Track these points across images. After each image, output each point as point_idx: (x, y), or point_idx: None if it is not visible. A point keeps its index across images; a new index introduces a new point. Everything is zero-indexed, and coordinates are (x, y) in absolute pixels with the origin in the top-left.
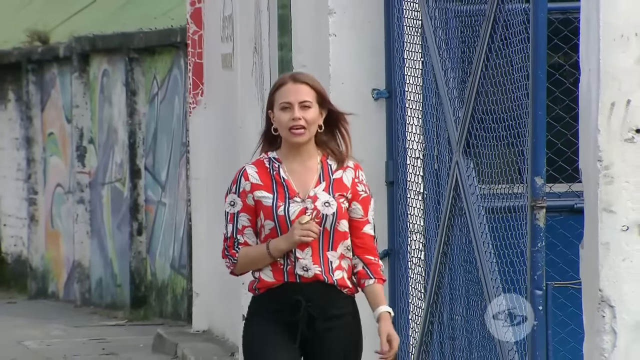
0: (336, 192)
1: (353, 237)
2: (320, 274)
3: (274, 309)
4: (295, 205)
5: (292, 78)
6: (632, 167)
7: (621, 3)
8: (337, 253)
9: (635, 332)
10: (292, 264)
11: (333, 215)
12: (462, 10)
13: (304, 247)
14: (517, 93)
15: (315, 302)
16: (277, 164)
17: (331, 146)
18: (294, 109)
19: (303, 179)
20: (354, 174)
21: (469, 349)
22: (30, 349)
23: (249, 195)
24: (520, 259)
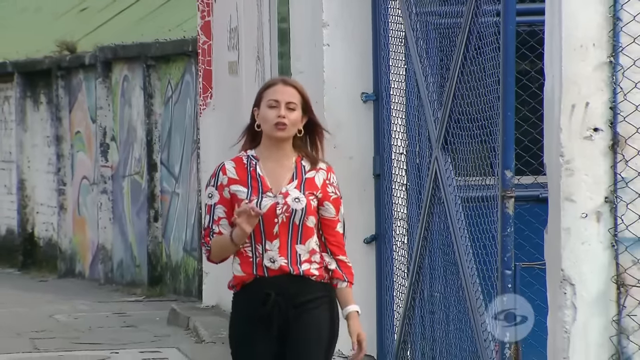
0: (307, 190)
1: (326, 234)
2: (286, 266)
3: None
4: (268, 199)
5: (282, 80)
6: (590, 161)
7: (580, 17)
8: (307, 247)
9: (592, 307)
10: (260, 256)
11: (302, 211)
12: (441, 23)
13: (273, 239)
14: (489, 96)
15: (285, 293)
16: (254, 161)
17: (306, 150)
18: (280, 107)
19: (277, 177)
20: (326, 176)
21: (447, 322)
22: (60, 321)
23: (225, 189)
24: (492, 242)
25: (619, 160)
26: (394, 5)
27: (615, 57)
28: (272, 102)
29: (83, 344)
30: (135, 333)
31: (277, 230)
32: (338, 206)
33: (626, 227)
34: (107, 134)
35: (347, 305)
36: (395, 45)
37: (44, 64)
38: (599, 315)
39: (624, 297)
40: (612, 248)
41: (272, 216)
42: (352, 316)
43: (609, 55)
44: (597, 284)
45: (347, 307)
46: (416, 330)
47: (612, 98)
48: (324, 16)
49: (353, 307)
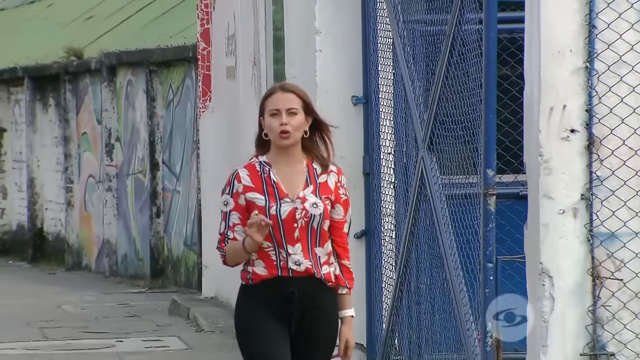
0: (322, 194)
1: (333, 236)
2: (311, 268)
3: (265, 299)
4: (286, 205)
5: (281, 88)
6: (567, 161)
7: (558, 25)
8: (325, 250)
9: (569, 298)
10: (284, 259)
11: (320, 216)
12: (427, 30)
13: (294, 242)
14: (472, 99)
15: (306, 293)
16: (267, 167)
17: (315, 151)
18: (282, 115)
19: (291, 182)
20: (337, 178)
21: (432, 312)
22: (68, 311)
23: (241, 196)
24: (475, 237)
25: (594, 159)
26: (382, 14)
27: (591, 63)
28: (274, 111)
29: (89, 332)
30: (139, 322)
31: (298, 235)
32: (347, 208)
33: (601, 222)
34: (112, 135)
35: (344, 309)
36: (383, 52)
37: (52, 69)
38: (576, 305)
39: (598, 289)
40: (588, 242)
41: (292, 221)
42: (345, 321)
43: (585, 60)
44: (574, 276)
45: (343, 311)
46: (403, 320)
47: (588, 101)
48: (317, 24)
49: (348, 312)
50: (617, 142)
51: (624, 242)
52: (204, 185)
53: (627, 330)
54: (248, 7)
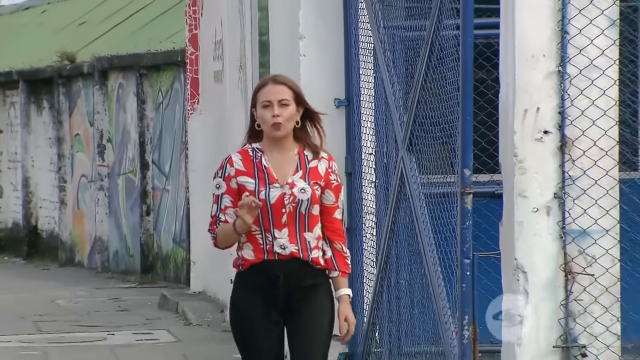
0: (311, 180)
1: (324, 221)
2: (297, 252)
3: (256, 284)
4: (275, 190)
5: (272, 80)
6: (541, 161)
7: (532, 30)
8: (314, 234)
9: (543, 292)
10: (270, 243)
11: (308, 201)
12: (406, 36)
13: (282, 227)
14: (450, 102)
15: (292, 275)
16: (259, 154)
17: (307, 140)
18: (273, 106)
19: (282, 168)
20: (328, 165)
21: (411, 306)
22: (61, 306)
23: (232, 180)
24: (452, 234)
25: (566, 160)
26: (363, 20)
27: (563, 67)
28: (266, 102)
29: (82, 326)
30: (129, 316)
31: (286, 220)
32: (338, 193)
33: (573, 220)
34: (104, 136)
35: (339, 289)
36: (365, 56)
37: (46, 72)
38: (549, 300)
39: (571, 284)
40: (561, 239)
41: (280, 206)
42: (342, 299)
43: (558, 65)
44: (547, 271)
45: (339, 291)
46: (384, 314)
47: (561, 104)
48: (301, 29)
49: (344, 291)
50: (588, 143)
51: (595, 239)
52: (192, 184)
53: (598, 323)
54: (234, 14)
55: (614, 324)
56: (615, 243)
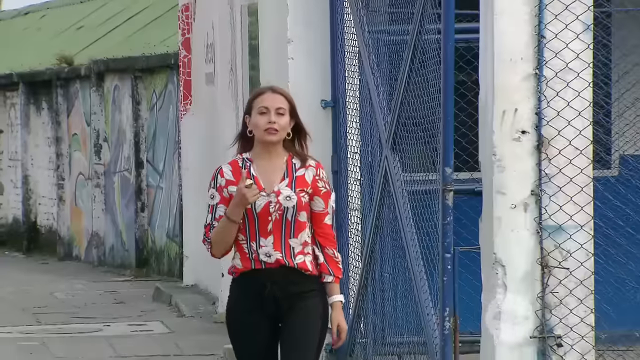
0: (297, 187)
1: (315, 227)
2: (282, 259)
3: (245, 293)
4: (261, 199)
5: (271, 89)
6: (519, 159)
7: (510, 35)
8: (300, 240)
9: (520, 285)
10: (255, 252)
11: (293, 208)
12: (390, 40)
13: (267, 235)
14: (432, 103)
15: (278, 283)
16: (248, 163)
17: (295, 149)
18: (270, 113)
19: (270, 176)
20: (315, 172)
21: (395, 298)
22: (59, 298)
23: (224, 190)
24: (434, 230)
25: (543, 158)
26: (349, 25)
27: (540, 70)
28: (263, 108)
29: (79, 317)
30: (125, 308)
31: (271, 227)
32: (327, 199)
33: (549, 216)
34: (100, 136)
35: (332, 296)
36: (350, 59)
37: (45, 75)
38: (526, 292)
39: (547, 277)
40: (537, 234)
41: (266, 214)
42: (335, 306)
43: (535, 68)
44: (524, 265)
45: (332, 297)
46: (368, 306)
47: (537, 105)
48: (289, 34)
49: (336, 298)
50: (564, 142)
51: (570, 234)
52: (185, 182)
53: (573, 314)
54: (225, 19)
55: (588, 316)
56: (589, 238)
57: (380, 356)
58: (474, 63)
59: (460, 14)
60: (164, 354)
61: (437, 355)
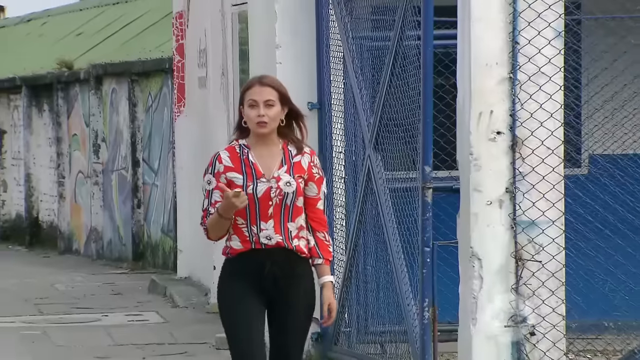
0: (295, 173)
1: (308, 211)
2: (282, 242)
3: (243, 271)
4: (262, 184)
5: (259, 81)
6: (494, 159)
7: (486, 41)
8: (297, 224)
9: (495, 277)
10: (256, 235)
11: (293, 193)
12: (373, 45)
13: (267, 219)
14: (412, 105)
15: (278, 263)
16: (246, 150)
17: (291, 136)
18: (259, 106)
19: (268, 163)
20: (310, 159)
21: (377, 290)
22: (59, 290)
23: (222, 176)
24: (414, 225)
25: (517, 157)
26: (334, 31)
27: (514, 74)
28: (252, 102)
29: (79, 308)
30: (122, 299)
31: (272, 212)
32: (320, 185)
33: (523, 212)
34: (99, 136)
35: (323, 276)
36: (335, 64)
37: (46, 78)
38: (501, 284)
39: (520, 269)
40: (512, 229)
41: (267, 199)
42: (325, 286)
43: (509, 72)
44: (499, 258)
45: (322, 278)
46: (352, 297)
47: (512, 107)
48: (277, 40)
49: (327, 278)
50: (536, 142)
51: (543, 229)
52: (179, 180)
53: (545, 305)
54: (217, 25)
55: (559, 306)
56: (560, 233)
57: (364, 344)
58: (451, 67)
59: (439, 21)
60: (159, 342)
61: (417, 344)
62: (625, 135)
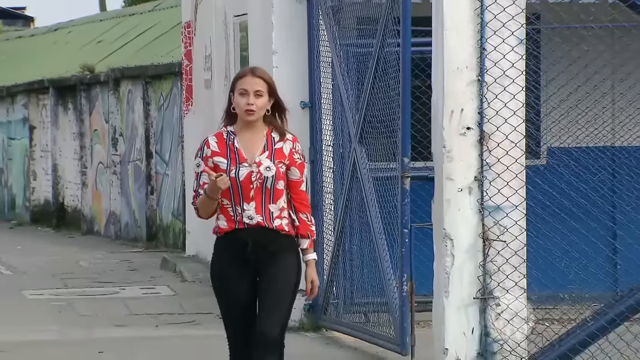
0: (276, 159)
1: (292, 193)
2: (262, 222)
3: (229, 248)
4: (244, 168)
5: (251, 72)
6: (464, 151)
7: (457, 48)
8: (278, 206)
9: (465, 255)
10: (239, 214)
11: (272, 177)
12: (358, 51)
13: (249, 201)
14: (392, 104)
15: (259, 241)
16: (232, 136)
17: (275, 124)
18: (249, 95)
19: (251, 148)
20: (292, 146)
21: (362, 266)
22: (83, 266)
23: (209, 160)
24: (394, 209)
25: (484, 150)
26: (324, 39)
27: (482, 76)
28: (243, 90)
29: (99, 282)
30: (137, 275)
31: (253, 194)
32: (302, 169)
33: (489, 198)
34: (117, 131)
35: (306, 255)
36: (325, 67)
37: (71, 80)
38: (470, 261)
39: (487, 248)
40: (479, 213)
41: (248, 183)
42: (308, 264)
43: (477, 75)
44: (469, 239)
45: (306, 256)
46: (339, 273)
47: (480, 106)
48: (273, 46)
49: (310, 256)
50: (501, 136)
51: (507, 212)
52: (187, 170)
53: (509, 279)
54: (221, 34)
55: (521, 280)
56: (522, 216)
57: (350, 314)
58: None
59: (416, 30)
60: (169, 312)
61: (397, 313)
62: (579, 131)
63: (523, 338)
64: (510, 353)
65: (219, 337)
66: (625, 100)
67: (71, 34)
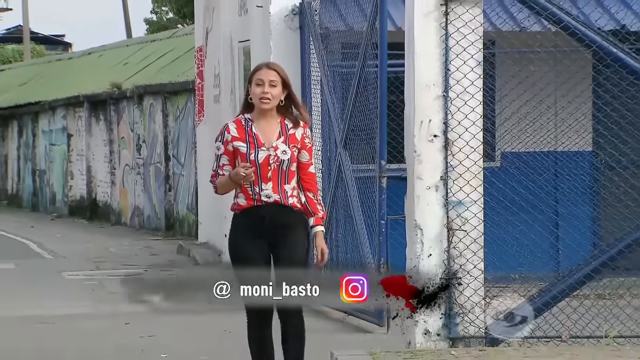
0: (290, 143)
1: (301, 174)
2: (279, 200)
3: (247, 223)
4: (263, 152)
5: (266, 65)
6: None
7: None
8: (291, 185)
9: (433, 243)
10: (258, 194)
11: (288, 160)
12: (342, 71)
13: (267, 181)
14: (371, 116)
15: (275, 216)
16: (250, 123)
17: (287, 113)
18: (264, 85)
19: (268, 134)
20: (303, 132)
21: (346, 252)
22: (112, 251)
23: (229, 144)
24: (373, 204)
25: (448, 154)
26: (314, 60)
27: (446, 92)
28: (259, 80)
29: (126, 265)
30: (157, 259)
31: (270, 175)
32: (311, 153)
33: (453, 194)
34: (140, 139)
35: (314, 227)
36: (314, 85)
37: (102, 96)
38: (437, 247)
39: (451, 237)
40: (445, 207)
41: (266, 165)
42: (317, 235)
43: (443, 91)
44: (435, 229)
45: (314, 228)
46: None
47: (445, 117)
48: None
49: (318, 228)
50: (463, 143)
51: (467, 206)
52: (199, 171)
53: (469, 263)
54: (227, 56)
55: (479, 263)
56: (480, 210)
57: None
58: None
59: (391, 53)
60: None
61: None
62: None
63: (481, 312)
64: (469, 324)
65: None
66: (566, 113)
67: (102, 57)
